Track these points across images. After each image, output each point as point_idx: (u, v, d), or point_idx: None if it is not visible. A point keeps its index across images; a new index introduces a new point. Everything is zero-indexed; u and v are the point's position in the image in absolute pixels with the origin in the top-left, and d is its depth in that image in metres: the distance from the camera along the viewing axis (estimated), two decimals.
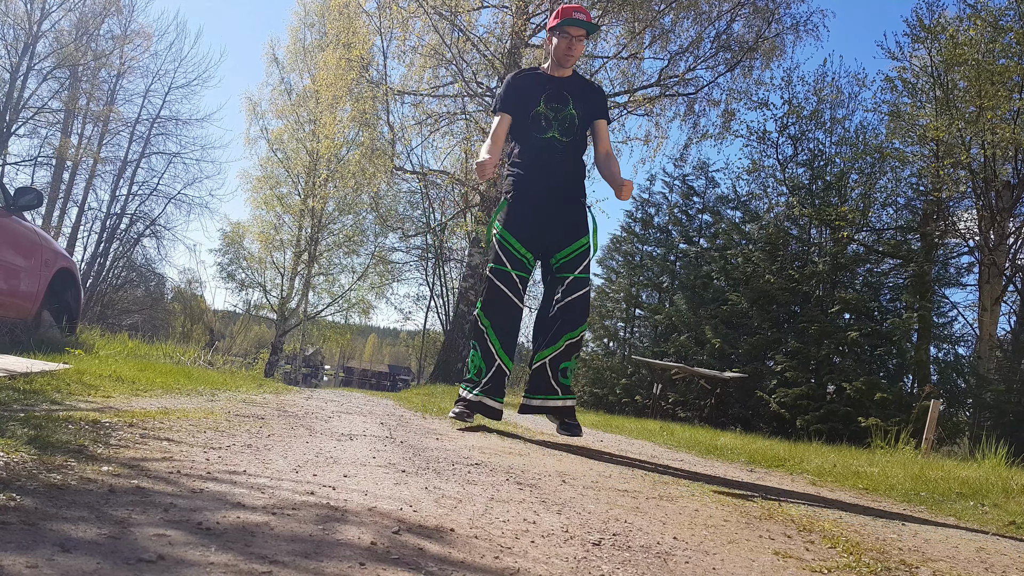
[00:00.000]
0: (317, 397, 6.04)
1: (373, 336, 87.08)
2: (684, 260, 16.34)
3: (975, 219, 12.44)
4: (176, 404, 3.29)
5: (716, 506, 2.33)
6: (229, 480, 1.73)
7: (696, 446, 5.18)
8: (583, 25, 3.92)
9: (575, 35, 3.92)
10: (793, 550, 1.79)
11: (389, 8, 15.99)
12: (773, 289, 12.95)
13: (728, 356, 13.42)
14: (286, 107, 26.26)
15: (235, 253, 27.45)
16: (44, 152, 25.36)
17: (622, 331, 17.47)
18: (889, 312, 12.68)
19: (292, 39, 27.01)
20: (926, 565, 1.81)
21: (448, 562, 1.29)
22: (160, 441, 2.13)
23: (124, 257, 27.58)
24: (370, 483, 1.96)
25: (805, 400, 11.56)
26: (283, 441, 2.56)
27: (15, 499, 1.27)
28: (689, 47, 16.43)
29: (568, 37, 3.91)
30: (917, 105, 12.62)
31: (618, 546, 1.61)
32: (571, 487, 2.37)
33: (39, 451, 1.68)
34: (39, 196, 5.54)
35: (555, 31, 3.94)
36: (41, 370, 3.40)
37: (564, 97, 3.97)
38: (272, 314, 27.29)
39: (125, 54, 26.15)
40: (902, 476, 3.82)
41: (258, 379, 8.69)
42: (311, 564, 1.17)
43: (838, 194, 13.42)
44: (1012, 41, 10.61)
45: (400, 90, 16.83)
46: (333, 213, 26.73)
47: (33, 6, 23.41)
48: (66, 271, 6.10)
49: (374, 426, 3.67)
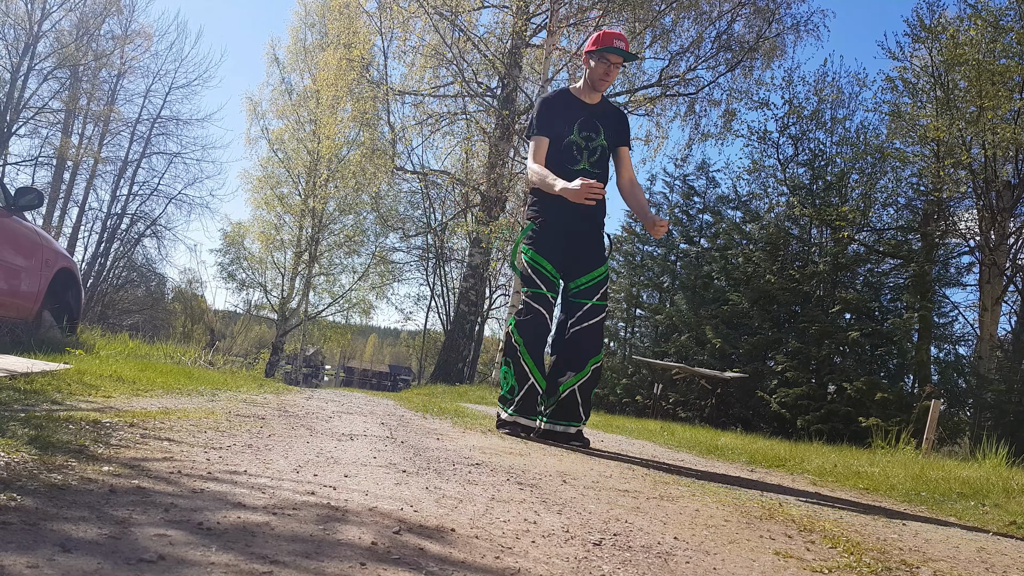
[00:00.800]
0: (318, 397, 6.04)
1: (374, 336, 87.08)
2: (685, 260, 16.33)
3: (976, 219, 12.44)
4: (177, 404, 3.29)
5: (717, 506, 2.33)
6: (230, 480, 1.73)
7: (697, 446, 5.18)
8: (623, 54, 3.97)
9: (614, 62, 3.97)
10: (794, 550, 1.79)
11: (390, 8, 16.00)
12: (774, 289, 12.94)
13: (729, 356, 13.41)
14: (287, 107, 26.27)
15: (236, 253, 27.46)
16: (45, 152, 25.41)
17: (623, 331, 17.46)
18: (890, 312, 12.67)
19: (293, 39, 27.04)
20: (927, 565, 1.81)
21: (449, 562, 1.29)
22: (161, 441, 2.13)
23: (125, 257, 27.60)
24: (371, 483, 1.96)
25: (806, 400, 11.56)
26: (284, 441, 2.56)
27: (16, 499, 1.27)
28: (690, 47, 16.46)
29: (607, 63, 3.95)
30: (918, 105, 12.61)
31: (619, 546, 1.61)
32: (572, 487, 2.37)
33: (40, 451, 1.68)
34: (40, 196, 5.54)
35: (594, 55, 3.97)
36: (42, 370, 3.40)
37: (596, 126, 4.02)
38: (273, 314, 27.29)
39: (126, 54, 26.18)
40: (903, 476, 3.82)
41: (259, 379, 8.69)
42: (312, 564, 1.17)
43: (839, 194, 13.41)
44: (1012, 41, 10.61)
45: (401, 90, 16.84)
46: (334, 213, 26.74)
47: (34, 6, 23.43)
48: (67, 271, 6.10)
49: (375, 426, 3.67)
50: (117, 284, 27.47)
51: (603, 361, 4.08)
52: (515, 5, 15.50)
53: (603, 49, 3.93)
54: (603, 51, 3.93)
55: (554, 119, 3.98)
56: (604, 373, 15.70)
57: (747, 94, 15.98)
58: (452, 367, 16.05)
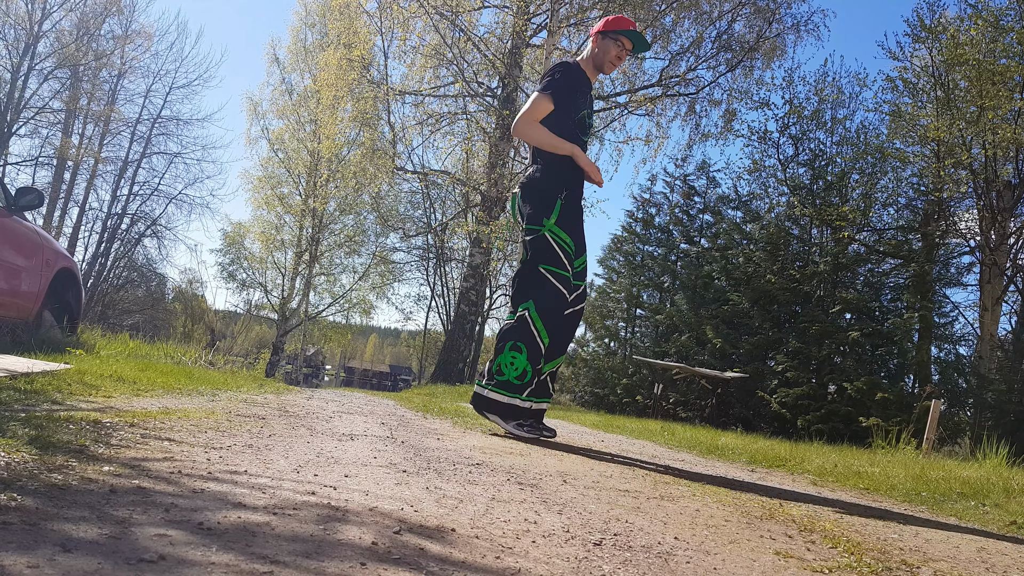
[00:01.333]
0: (318, 397, 6.04)
1: (374, 336, 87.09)
2: (685, 260, 16.33)
3: (976, 219, 12.44)
4: (177, 404, 3.29)
5: (717, 506, 2.33)
6: (230, 480, 1.73)
7: (697, 446, 5.18)
8: (641, 43, 3.94)
9: (627, 47, 3.93)
10: (794, 550, 1.79)
11: (390, 8, 16.00)
12: (774, 289, 12.94)
13: (729, 356, 13.41)
14: (287, 107, 26.30)
15: (236, 253, 27.49)
16: (45, 152, 25.40)
17: (623, 331, 17.45)
18: (890, 312, 12.67)
19: (293, 39, 27.08)
20: (927, 565, 1.81)
21: (449, 562, 1.29)
22: (161, 441, 2.13)
23: (125, 257, 27.59)
24: (371, 483, 1.96)
25: (806, 400, 11.56)
26: (284, 441, 2.56)
27: (16, 499, 1.27)
28: (690, 47, 16.46)
29: (621, 47, 3.90)
30: (918, 105, 12.61)
31: (619, 546, 1.61)
32: (572, 487, 2.37)
33: (40, 451, 1.68)
34: (40, 196, 5.54)
35: (611, 36, 3.89)
36: (42, 370, 3.40)
37: (592, 105, 4.04)
38: (273, 314, 27.33)
39: (126, 54, 26.18)
40: (903, 476, 3.81)
41: (259, 379, 8.69)
42: (312, 564, 1.17)
43: (839, 194, 13.41)
44: (1013, 41, 10.60)
45: (401, 90, 16.84)
46: (334, 213, 26.76)
47: (34, 6, 23.43)
48: (67, 271, 6.10)
49: (375, 426, 3.67)
50: (117, 284, 27.46)
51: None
52: (515, 5, 15.50)
53: (625, 32, 3.87)
54: (624, 33, 3.87)
55: (575, 90, 3.90)
56: (605, 373, 15.73)
57: (747, 94, 16.00)
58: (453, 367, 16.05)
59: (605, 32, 3.89)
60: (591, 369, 16.30)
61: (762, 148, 14.64)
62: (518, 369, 3.76)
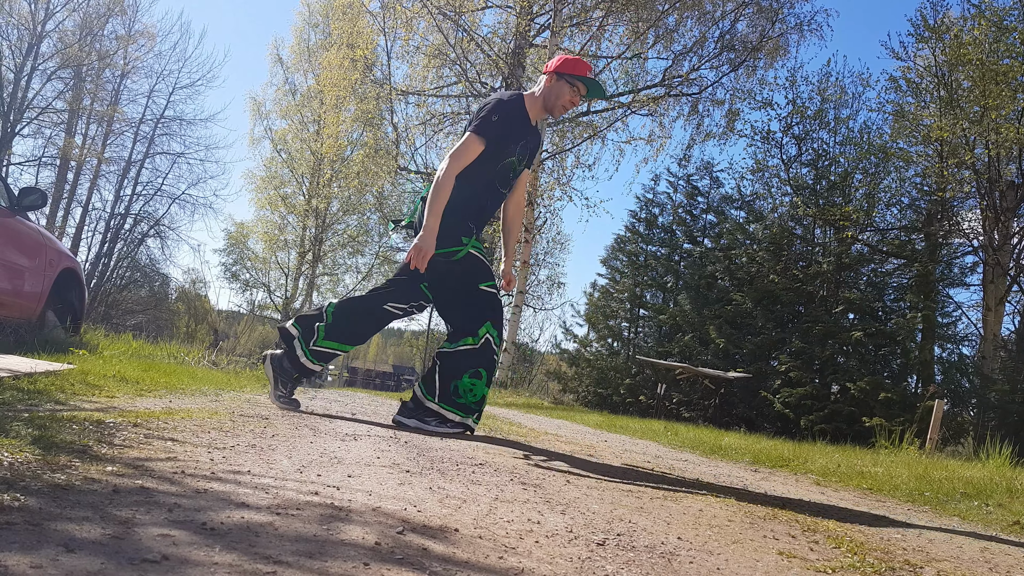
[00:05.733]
0: (321, 397, 6.04)
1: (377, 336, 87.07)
2: (688, 260, 16.33)
3: (979, 219, 12.42)
4: (180, 404, 3.30)
5: (720, 506, 2.33)
6: (233, 480, 1.73)
7: (700, 446, 5.18)
8: (598, 91, 3.76)
9: (581, 93, 3.71)
10: (797, 550, 1.79)
11: (393, 8, 16.00)
12: (777, 289, 12.93)
13: (732, 356, 13.40)
14: (290, 107, 26.34)
15: (239, 253, 27.56)
16: (48, 152, 25.44)
17: (626, 331, 17.44)
18: (893, 312, 12.65)
19: (296, 39, 27.12)
20: (930, 565, 1.81)
21: (452, 562, 1.29)
22: (164, 441, 2.13)
23: (128, 257, 27.59)
24: (374, 483, 1.96)
25: (809, 400, 11.55)
26: (287, 441, 2.56)
27: (19, 499, 1.28)
28: (693, 47, 16.44)
29: (576, 92, 3.68)
30: (921, 105, 12.59)
31: (622, 546, 1.61)
32: (575, 487, 2.37)
33: (43, 451, 1.68)
34: (43, 196, 5.55)
35: (567, 79, 3.66)
36: (45, 370, 3.40)
37: (527, 151, 3.76)
38: (276, 314, 27.38)
39: (129, 54, 26.18)
40: (906, 476, 3.81)
41: (262, 379, 8.68)
42: (315, 564, 1.17)
43: (842, 194, 13.40)
44: (1016, 41, 10.58)
45: (404, 90, 16.84)
46: (337, 213, 26.81)
47: (37, 6, 23.46)
48: (70, 271, 6.10)
49: (378, 426, 3.67)
50: (121, 284, 27.47)
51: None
52: (519, 5, 15.50)
53: (582, 78, 3.67)
54: (582, 79, 3.67)
55: (509, 135, 3.64)
56: (608, 373, 15.73)
57: (750, 94, 15.98)
58: None
59: (561, 73, 3.68)
60: (594, 369, 16.29)
61: (765, 148, 14.65)
62: (477, 396, 3.63)
